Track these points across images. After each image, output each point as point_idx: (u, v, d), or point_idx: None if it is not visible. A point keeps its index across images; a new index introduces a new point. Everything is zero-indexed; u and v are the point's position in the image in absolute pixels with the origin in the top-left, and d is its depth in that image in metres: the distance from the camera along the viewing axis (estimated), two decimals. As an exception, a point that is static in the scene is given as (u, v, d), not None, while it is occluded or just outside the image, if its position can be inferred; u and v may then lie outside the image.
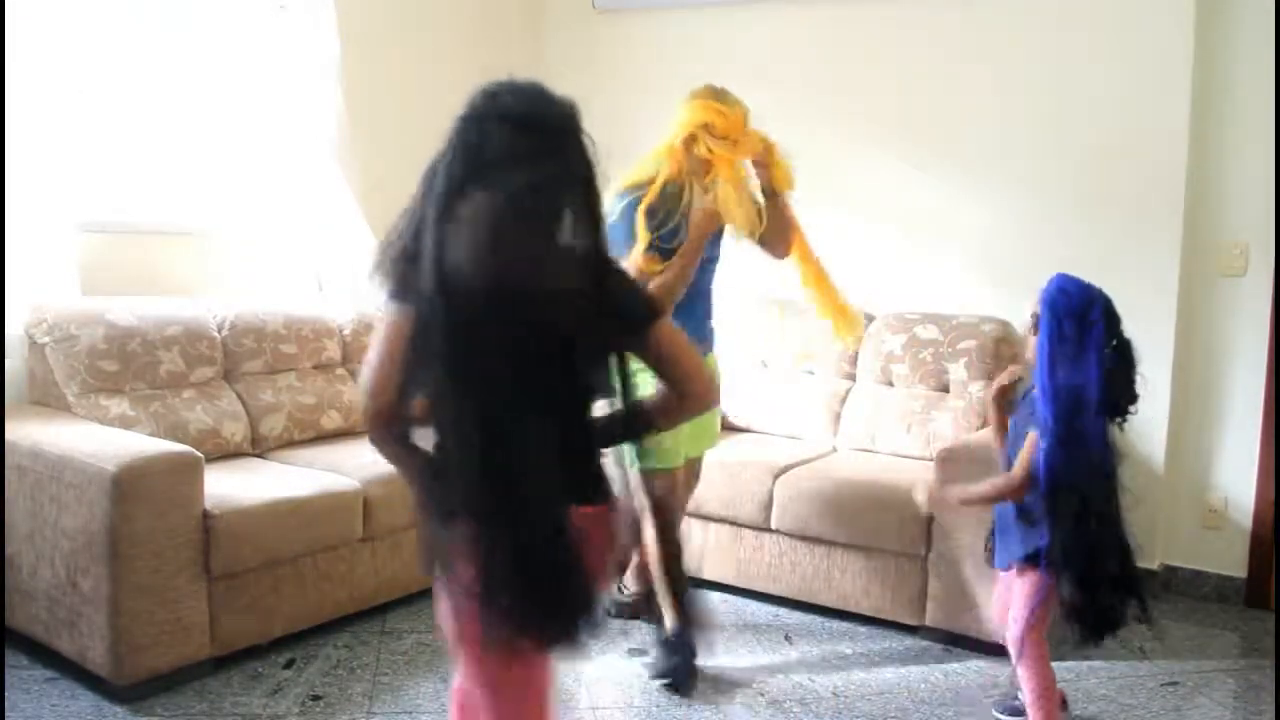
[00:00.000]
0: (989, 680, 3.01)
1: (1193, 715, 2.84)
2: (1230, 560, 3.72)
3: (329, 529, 3.05)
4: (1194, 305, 3.70)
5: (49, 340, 3.08)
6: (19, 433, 2.85)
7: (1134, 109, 3.66)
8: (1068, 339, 2.30)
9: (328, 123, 3.77)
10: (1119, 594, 2.33)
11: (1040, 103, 3.81)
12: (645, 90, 4.17)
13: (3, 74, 2.94)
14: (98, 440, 2.78)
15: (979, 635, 3.14)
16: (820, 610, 3.49)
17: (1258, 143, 3.54)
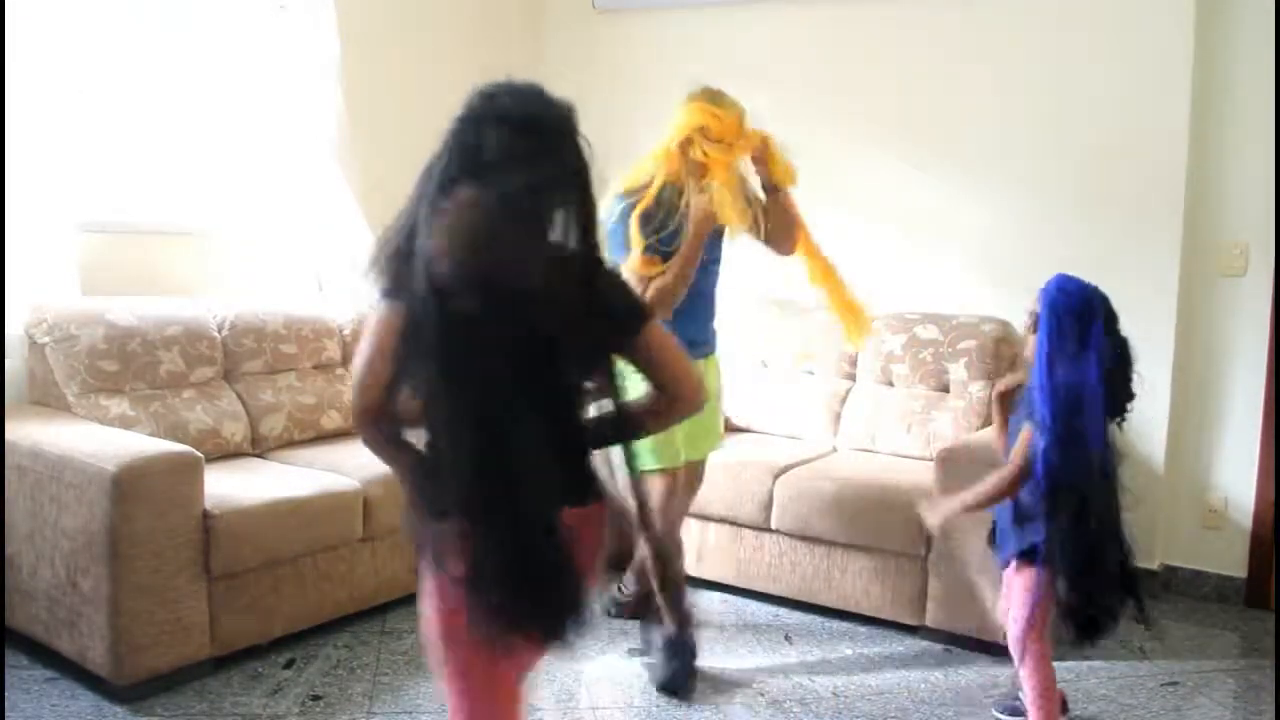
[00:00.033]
0: (989, 680, 3.01)
1: (1193, 715, 2.84)
2: (1230, 560, 3.72)
3: (329, 529, 3.05)
4: (1194, 305, 3.70)
5: (49, 340, 3.08)
6: (19, 433, 2.85)
7: (1134, 109, 3.66)
8: (1067, 338, 2.31)
9: (328, 123, 3.77)
10: (1115, 594, 2.33)
11: (1040, 103, 3.81)
12: (645, 90, 4.17)
13: (3, 74, 2.95)
14: (98, 440, 2.78)
15: (979, 635, 3.15)
16: (820, 610, 3.49)
17: (1258, 143, 3.54)
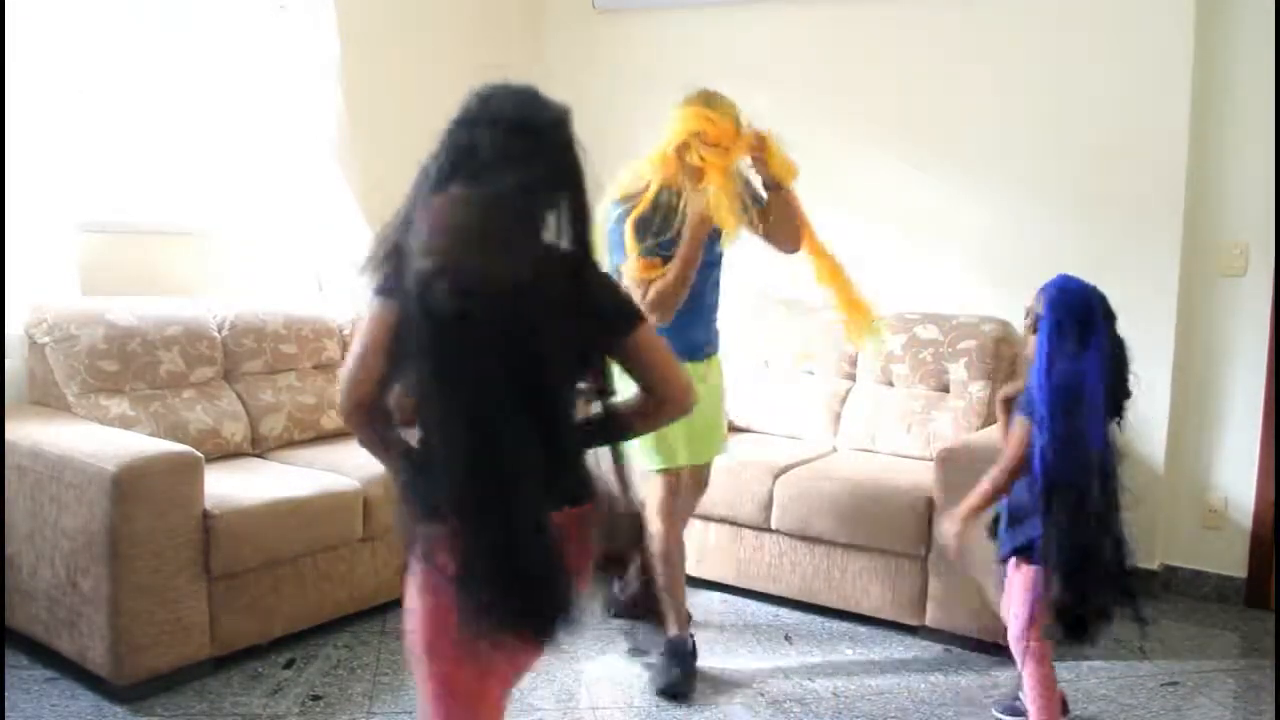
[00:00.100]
0: (989, 680, 3.01)
1: (1193, 715, 2.84)
2: (1230, 560, 3.72)
3: (329, 529, 3.05)
4: (1194, 305, 3.70)
5: (49, 340, 3.08)
6: (19, 433, 2.85)
7: (1134, 109, 3.66)
8: (1068, 338, 2.33)
9: (328, 123, 3.77)
10: (1110, 594, 2.34)
11: (1040, 103, 3.81)
12: (645, 90, 4.17)
13: (3, 74, 2.95)
14: (98, 440, 2.78)
15: (979, 635, 3.15)
16: (820, 610, 3.49)
17: (1258, 143, 3.54)
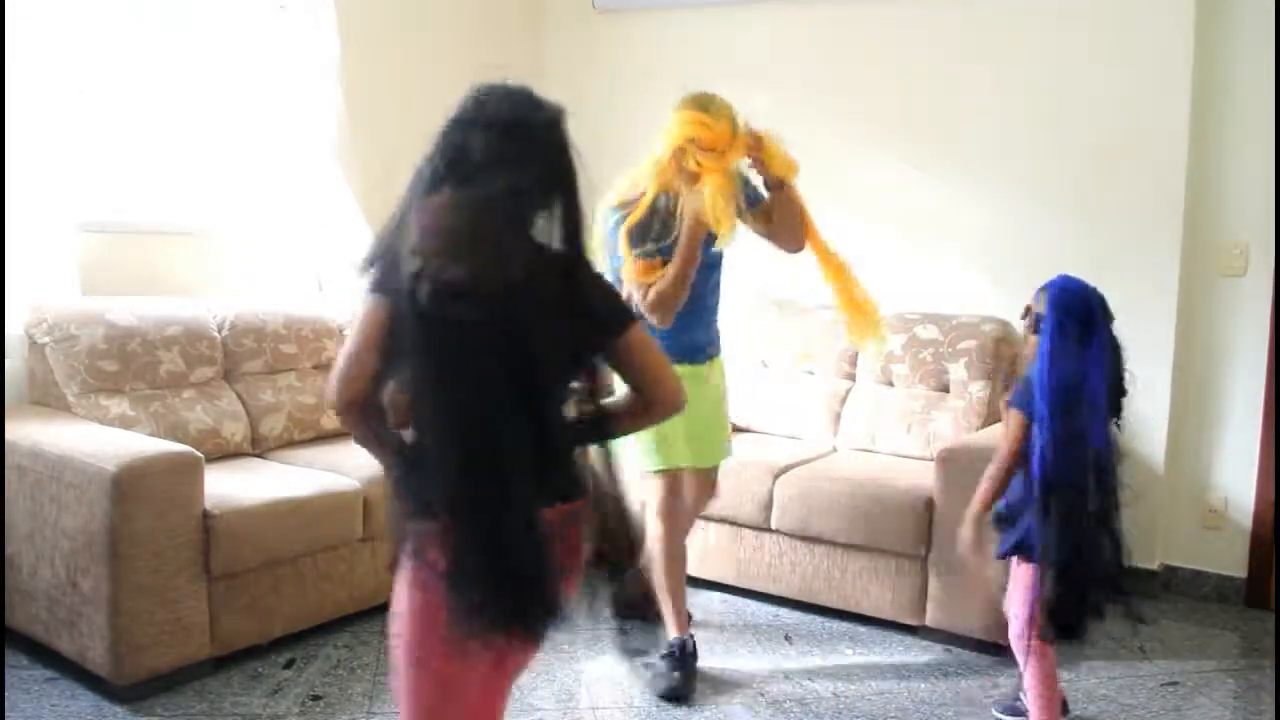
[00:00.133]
0: (989, 680, 3.01)
1: (1193, 715, 2.84)
2: (1230, 560, 3.72)
3: (329, 529, 3.05)
4: (1194, 305, 3.70)
5: (49, 340, 3.08)
6: (19, 433, 2.85)
7: (1134, 109, 3.66)
8: (1070, 337, 2.34)
9: (328, 123, 3.77)
10: (1102, 593, 2.36)
11: (1040, 103, 3.81)
12: (645, 90, 4.16)
13: (3, 74, 2.94)
14: (98, 440, 2.78)
15: (979, 635, 3.15)
16: (820, 610, 3.49)
17: (1258, 143, 3.54)
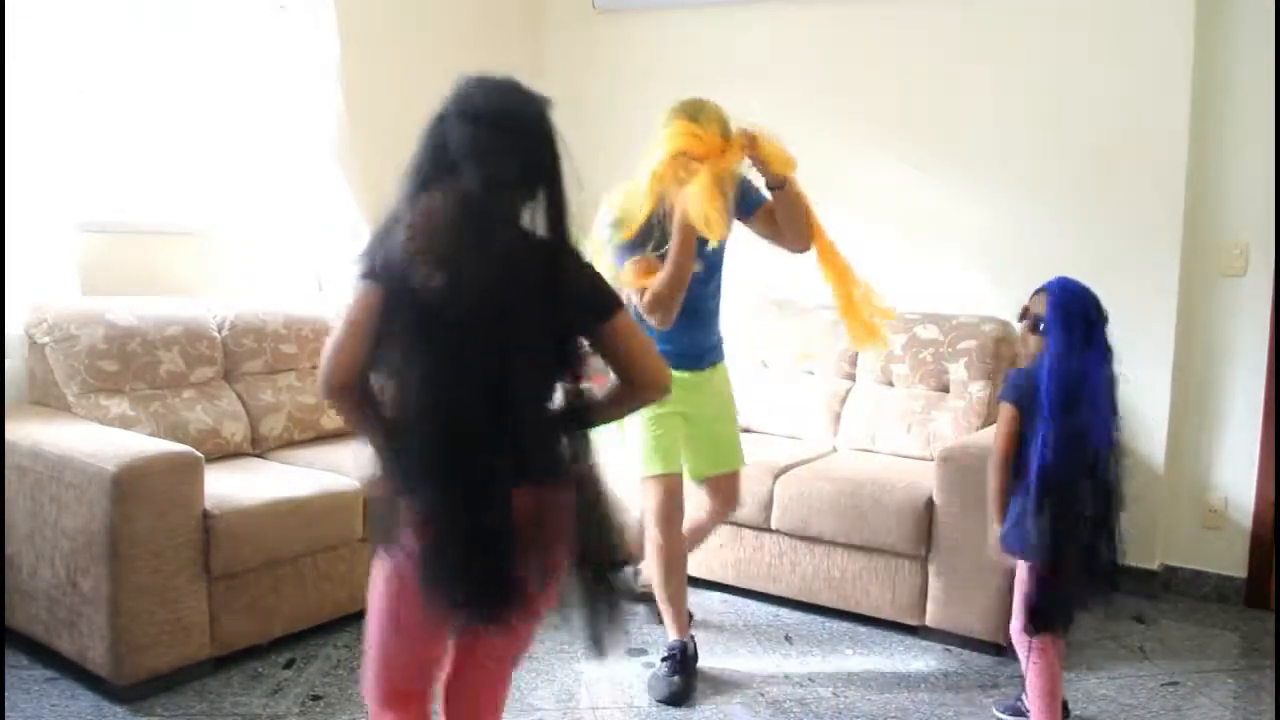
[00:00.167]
0: (989, 680, 3.01)
1: (1193, 715, 2.84)
2: (1230, 560, 3.72)
3: (329, 529, 3.05)
4: (1194, 305, 3.70)
5: (49, 340, 3.08)
6: (19, 433, 2.85)
7: (1134, 109, 3.66)
8: (1073, 337, 2.36)
9: (328, 123, 3.77)
10: (1092, 591, 2.40)
11: (1040, 103, 3.81)
12: (645, 90, 4.15)
13: (3, 74, 2.94)
14: (98, 440, 2.78)
15: (979, 635, 3.15)
16: (820, 610, 3.49)
17: (1258, 143, 3.54)
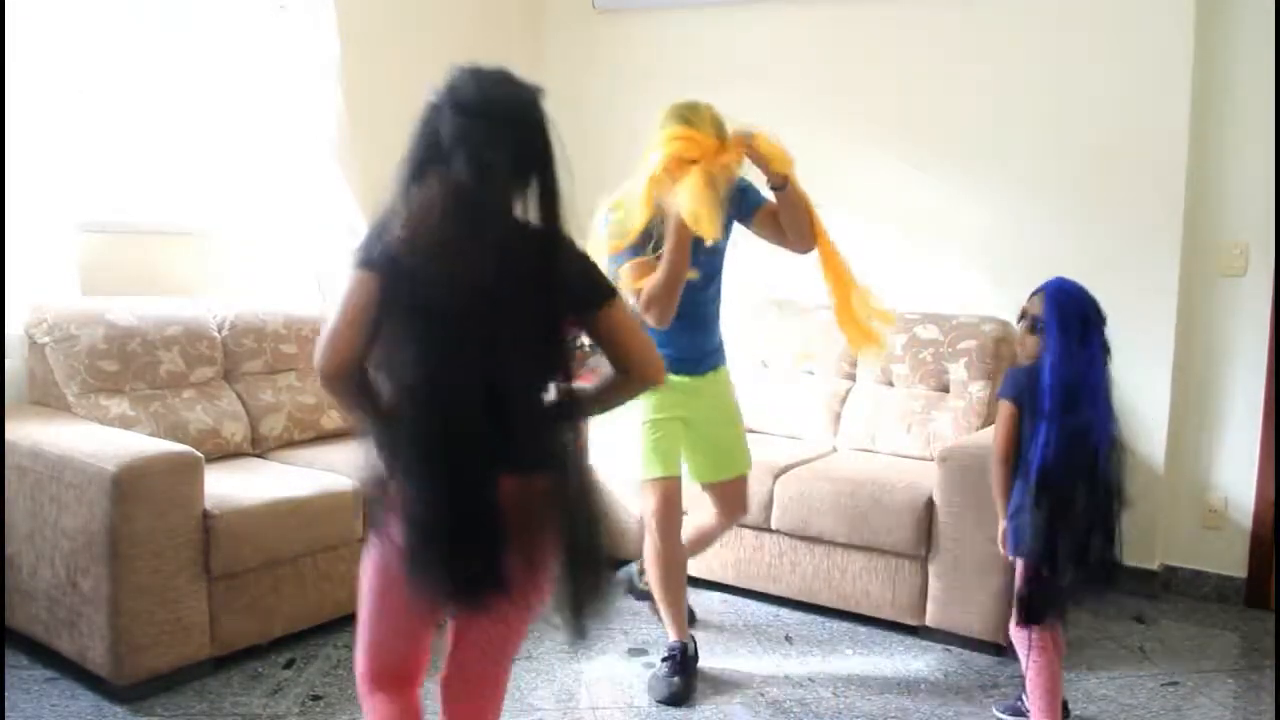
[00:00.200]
0: (989, 680, 3.01)
1: (1193, 715, 2.84)
2: (1230, 560, 3.72)
3: (329, 529, 3.05)
4: (1194, 305, 3.70)
5: (49, 340, 3.08)
6: (19, 433, 2.85)
7: (1134, 109, 3.66)
8: (1072, 337, 2.37)
9: (328, 123, 3.77)
10: (1085, 588, 2.42)
11: (1040, 103, 3.81)
12: (645, 90, 4.16)
13: (3, 74, 2.94)
14: (98, 440, 2.78)
15: (980, 635, 3.15)
16: (820, 610, 3.49)
17: (1258, 143, 3.54)
